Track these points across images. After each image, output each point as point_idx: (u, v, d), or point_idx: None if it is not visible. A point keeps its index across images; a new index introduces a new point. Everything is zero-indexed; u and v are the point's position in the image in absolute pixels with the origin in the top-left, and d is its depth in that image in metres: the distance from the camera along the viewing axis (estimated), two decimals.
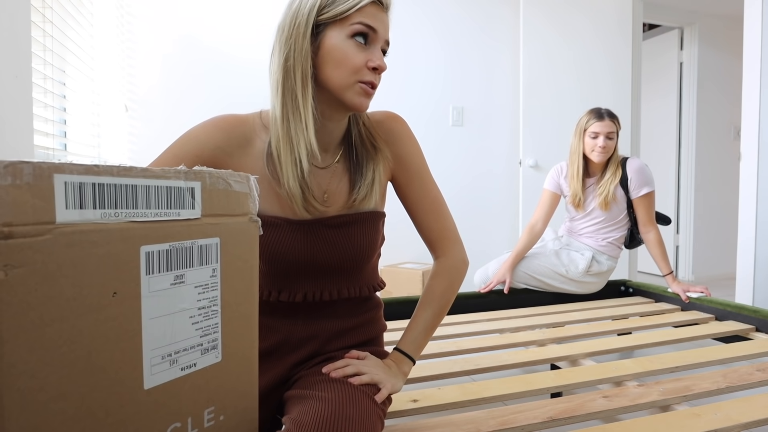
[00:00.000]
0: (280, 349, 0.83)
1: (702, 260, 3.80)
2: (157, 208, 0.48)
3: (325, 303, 0.84)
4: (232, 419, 0.58)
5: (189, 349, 0.52)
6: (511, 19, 2.98)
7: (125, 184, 0.45)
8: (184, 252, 0.51)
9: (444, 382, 1.19)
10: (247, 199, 0.58)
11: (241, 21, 2.50)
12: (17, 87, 1.16)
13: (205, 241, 0.53)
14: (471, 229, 2.97)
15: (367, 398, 0.72)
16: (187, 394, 0.52)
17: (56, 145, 1.63)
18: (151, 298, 0.48)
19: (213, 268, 0.54)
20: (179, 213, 0.50)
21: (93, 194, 0.43)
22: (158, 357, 0.49)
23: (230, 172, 0.57)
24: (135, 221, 0.46)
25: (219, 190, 0.55)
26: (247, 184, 0.59)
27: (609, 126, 1.86)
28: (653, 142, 3.96)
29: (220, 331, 0.56)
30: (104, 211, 0.44)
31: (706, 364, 1.24)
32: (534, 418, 0.91)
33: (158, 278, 0.48)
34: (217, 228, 0.54)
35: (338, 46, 0.73)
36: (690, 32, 3.71)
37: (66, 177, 0.41)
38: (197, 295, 0.53)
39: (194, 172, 0.52)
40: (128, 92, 2.31)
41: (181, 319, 0.51)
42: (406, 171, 0.87)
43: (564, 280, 1.92)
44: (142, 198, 0.47)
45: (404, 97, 2.81)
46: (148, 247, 0.47)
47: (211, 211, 0.54)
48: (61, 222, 0.41)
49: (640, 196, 1.88)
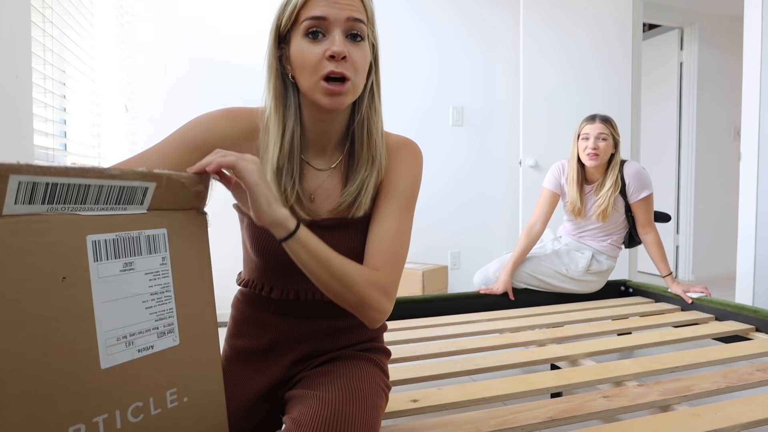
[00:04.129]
0: (278, 347, 0.83)
1: (702, 260, 3.80)
2: (105, 204, 0.53)
3: (320, 303, 0.84)
4: (197, 402, 0.61)
5: (144, 332, 0.56)
6: (511, 19, 2.98)
7: (79, 183, 0.50)
8: (131, 241, 0.55)
9: (444, 382, 1.19)
10: (198, 196, 0.62)
11: (241, 21, 2.50)
12: (17, 87, 1.16)
13: (151, 231, 0.57)
14: (471, 229, 2.98)
15: (367, 398, 0.72)
16: (146, 375, 0.55)
17: (56, 145, 1.63)
18: (101, 284, 0.52)
19: (162, 256, 0.58)
20: (125, 208, 0.55)
21: (45, 192, 0.47)
22: (113, 338, 0.53)
23: (189, 175, 0.60)
24: (79, 214, 0.51)
25: (172, 189, 0.59)
26: (203, 184, 0.62)
27: (599, 128, 1.85)
28: (653, 143, 3.96)
29: (175, 315, 0.59)
30: (51, 206, 0.49)
31: (706, 364, 1.24)
32: (534, 418, 0.91)
33: (106, 265, 0.53)
34: (163, 220, 0.58)
35: (297, 50, 0.73)
36: (690, 32, 3.71)
37: (21, 177, 0.45)
38: (148, 281, 0.56)
39: (153, 174, 0.56)
40: (128, 92, 2.31)
41: (134, 304, 0.55)
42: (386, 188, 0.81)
43: (564, 279, 1.92)
44: (92, 196, 0.51)
45: (404, 97, 2.81)
46: (94, 236, 0.52)
47: (159, 206, 0.58)
48: (7, 213, 0.45)
49: (638, 200, 1.88)
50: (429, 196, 2.83)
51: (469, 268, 2.93)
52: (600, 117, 1.88)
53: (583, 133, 1.88)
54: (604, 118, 1.87)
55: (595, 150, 1.84)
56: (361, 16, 0.72)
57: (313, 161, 0.82)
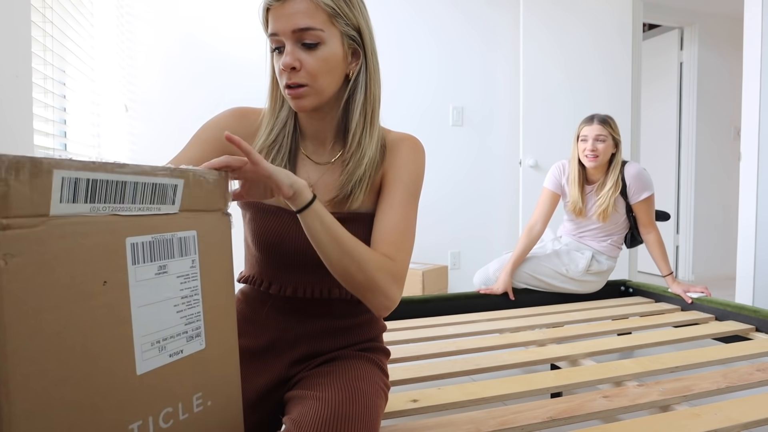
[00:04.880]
0: (276, 346, 0.83)
1: (702, 260, 3.80)
2: (141, 203, 0.51)
3: (318, 301, 0.84)
4: (219, 405, 0.61)
5: (175, 336, 0.55)
6: (511, 19, 2.98)
7: (116, 180, 0.48)
8: (166, 244, 0.54)
9: (444, 382, 1.19)
10: (221, 195, 0.62)
11: (241, 21, 2.50)
12: (17, 87, 1.16)
13: (183, 233, 0.56)
14: (471, 229, 2.98)
15: (367, 398, 0.72)
16: (176, 379, 0.55)
17: (56, 145, 1.63)
18: (138, 287, 0.51)
19: (192, 259, 0.58)
20: (160, 208, 0.54)
21: (86, 189, 0.46)
22: (148, 344, 0.52)
23: (212, 171, 0.60)
24: (119, 215, 0.49)
25: (199, 187, 0.58)
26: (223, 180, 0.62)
27: (597, 129, 1.84)
28: (653, 142, 3.96)
29: (202, 319, 0.58)
30: (93, 205, 0.47)
31: (706, 364, 1.24)
32: (534, 418, 0.91)
33: (143, 268, 0.51)
34: (194, 222, 0.58)
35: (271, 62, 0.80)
36: (690, 32, 3.71)
37: (64, 172, 0.44)
38: (180, 284, 0.56)
39: (180, 170, 0.55)
40: (128, 92, 2.31)
41: (167, 308, 0.54)
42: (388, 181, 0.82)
43: (564, 279, 1.92)
44: (129, 194, 0.50)
45: (404, 97, 2.81)
46: (133, 239, 0.51)
47: (189, 206, 0.57)
48: (54, 214, 0.44)
49: (639, 201, 1.88)
50: (429, 196, 2.83)
51: (469, 268, 2.93)
52: (598, 118, 1.87)
53: (582, 135, 1.88)
54: (603, 119, 1.86)
55: (593, 152, 1.84)
56: (311, 23, 0.72)
57: (312, 155, 0.84)
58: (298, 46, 0.74)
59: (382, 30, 2.75)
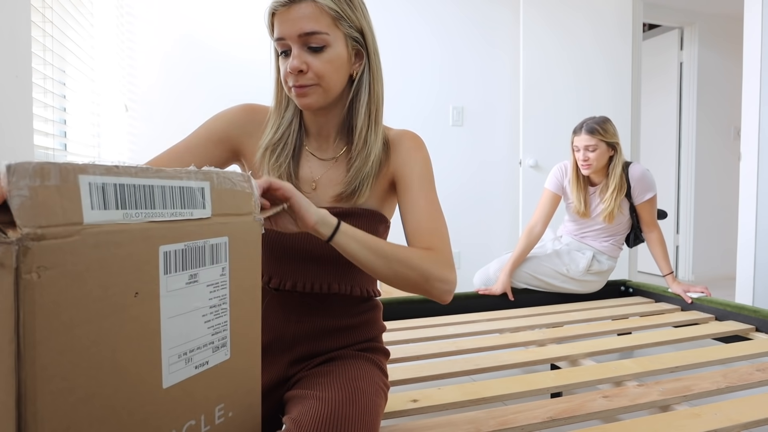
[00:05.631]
0: (274, 347, 0.84)
1: (702, 260, 3.80)
2: (173, 208, 0.49)
3: (317, 298, 0.84)
4: (240, 416, 0.59)
5: (202, 347, 0.53)
6: (511, 19, 2.98)
7: (143, 184, 0.46)
8: (198, 251, 0.52)
9: (444, 382, 1.19)
10: (251, 199, 0.59)
11: (241, 21, 2.50)
12: (17, 87, 1.16)
13: (215, 240, 0.54)
14: (471, 228, 2.97)
15: (367, 397, 0.72)
16: (200, 391, 0.53)
17: (56, 145, 1.63)
18: (168, 298, 0.49)
19: (222, 266, 0.55)
20: (192, 213, 0.51)
21: (115, 195, 0.43)
22: (175, 356, 0.50)
23: (235, 172, 0.58)
24: (154, 221, 0.47)
25: (226, 190, 0.56)
26: (249, 183, 0.60)
27: (585, 140, 1.84)
28: (653, 142, 3.96)
29: (228, 328, 0.56)
30: (126, 212, 0.44)
31: (706, 364, 1.24)
32: (534, 418, 0.91)
33: (175, 277, 0.49)
34: (226, 227, 0.55)
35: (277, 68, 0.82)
36: (690, 32, 3.71)
37: (90, 178, 0.41)
38: (209, 293, 0.53)
39: (203, 173, 0.53)
40: (128, 92, 2.31)
41: (195, 318, 0.52)
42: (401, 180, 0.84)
43: (565, 279, 1.92)
44: (159, 198, 0.47)
45: (404, 97, 2.81)
46: (166, 247, 0.48)
47: (220, 210, 0.55)
48: (88, 223, 0.41)
49: (644, 201, 1.89)
50: None
51: (469, 268, 2.93)
52: (586, 127, 1.85)
53: (574, 145, 1.90)
54: (590, 129, 1.84)
55: (585, 161, 1.85)
56: (317, 27, 0.74)
57: (316, 152, 0.87)
58: (305, 50, 0.75)
59: (383, 29, 2.76)
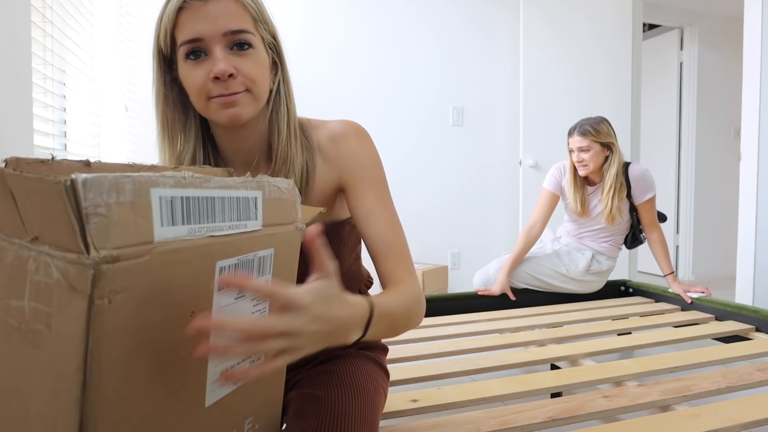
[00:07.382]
0: None
1: (702, 260, 3.80)
2: (231, 221, 0.46)
3: None
4: (263, 427, 0.59)
5: (241, 362, 0.51)
6: (511, 19, 2.98)
7: (206, 196, 0.42)
8: (248, 265, 0.49)
9: (444, 382, 1.19)
10: (294, 207, 0.56)
11: None
12: (17, 87, 1.16)
13: (263, 252, 0.51)
14: (471, 228, 2.97)
15: (367, 395, 0.72)
16: (235, 406, 0.52)
17: (56, 145, 1.63)
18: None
19: (266, 279, 0.53)
20: (246, 225, 0.48)
21: (182, 209, 0.40)
22: (217, 374, 0.48)
23: (281, 179, 0.55)
24: (213, 236, 0.44)
25: (274, 199, 0.53)
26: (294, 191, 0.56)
27: (578, 141, 1.85)
28: (653, 142, 3.96)
29: None
30: (191, 227, 0.41)
31: (706, 364, 1.24)
32: (534, 418, 0.91)
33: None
34: (273, 239, 0.52)
35: (182, 74, 0.68)
36: (690, 32, 3.71)
37: (160, 191, 0.38)
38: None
39: (256, 181, 0.49)
40: (128, 92, 2.31)
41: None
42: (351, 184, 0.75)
43: (564, 279, 1.92)
44: (219, 210, 0.44)
45: (403, 97, 2.81)
46: (222, 263, 0.45)
47: (269, 221, 0.52)
48: (158, 241, 0.38)
49: (644, 201, 1.89)
50: (428, 197, 2.83)
51: (469, 268, 2.93)
52: (579, 130, 1.86)
53: (569, 146, 1.91)
54: (583, 130, 1.85)
55: (580, 162, 1.86)
56: (243, 24, 0.66)
57: None
58: (227, 51, 0.66)
59: (383, 29, 2.76)
